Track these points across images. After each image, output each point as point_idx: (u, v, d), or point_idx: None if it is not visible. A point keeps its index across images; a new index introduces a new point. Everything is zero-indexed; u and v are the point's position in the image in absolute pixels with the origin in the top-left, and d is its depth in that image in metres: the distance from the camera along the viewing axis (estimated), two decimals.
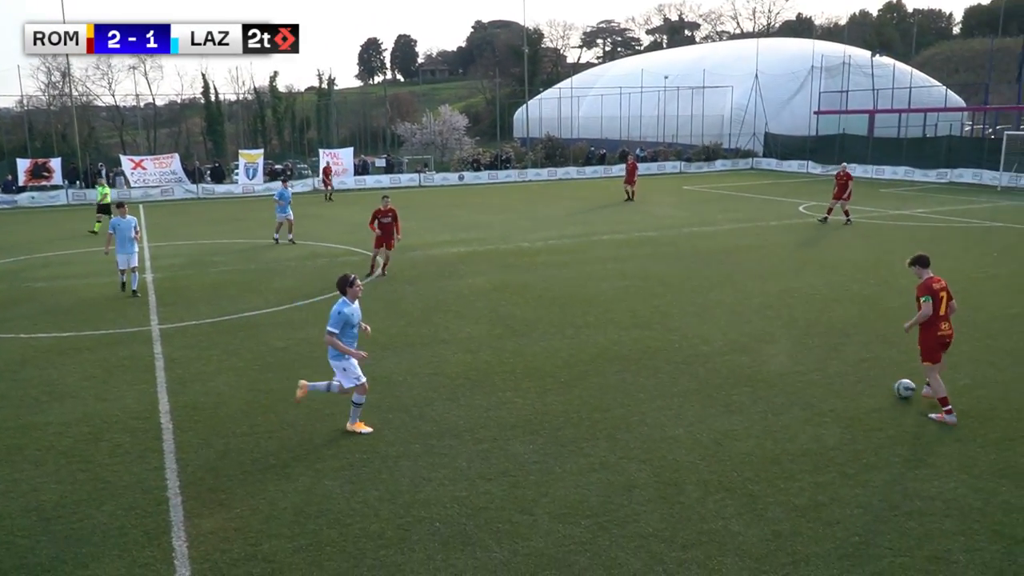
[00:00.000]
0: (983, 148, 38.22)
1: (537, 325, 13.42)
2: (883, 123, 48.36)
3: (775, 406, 9.54)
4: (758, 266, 18.31)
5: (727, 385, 10.29)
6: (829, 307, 14.28)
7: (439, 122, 60.07)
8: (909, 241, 21.51)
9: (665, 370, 10.92)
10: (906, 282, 16.07)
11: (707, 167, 49.60)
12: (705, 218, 26.82)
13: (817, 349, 11.77)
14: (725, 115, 54.08)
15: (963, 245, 20.69)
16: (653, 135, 55.60)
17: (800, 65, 54.17)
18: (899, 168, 40.79)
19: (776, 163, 49.02)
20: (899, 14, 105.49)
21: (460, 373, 10.97)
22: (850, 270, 17.58)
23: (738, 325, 13.18)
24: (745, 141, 52.73)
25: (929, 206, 29.24)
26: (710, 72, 54.67)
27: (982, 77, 57.83)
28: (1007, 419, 9.02)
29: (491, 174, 46.19)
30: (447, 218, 28.73)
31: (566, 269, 18.39)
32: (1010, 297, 14.77)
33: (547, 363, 11.32)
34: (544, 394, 10.09)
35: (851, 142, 44.88)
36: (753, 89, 53.33)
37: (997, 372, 10.63)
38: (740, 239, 22.29)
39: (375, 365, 11.35)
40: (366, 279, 17.29)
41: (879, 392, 9.93)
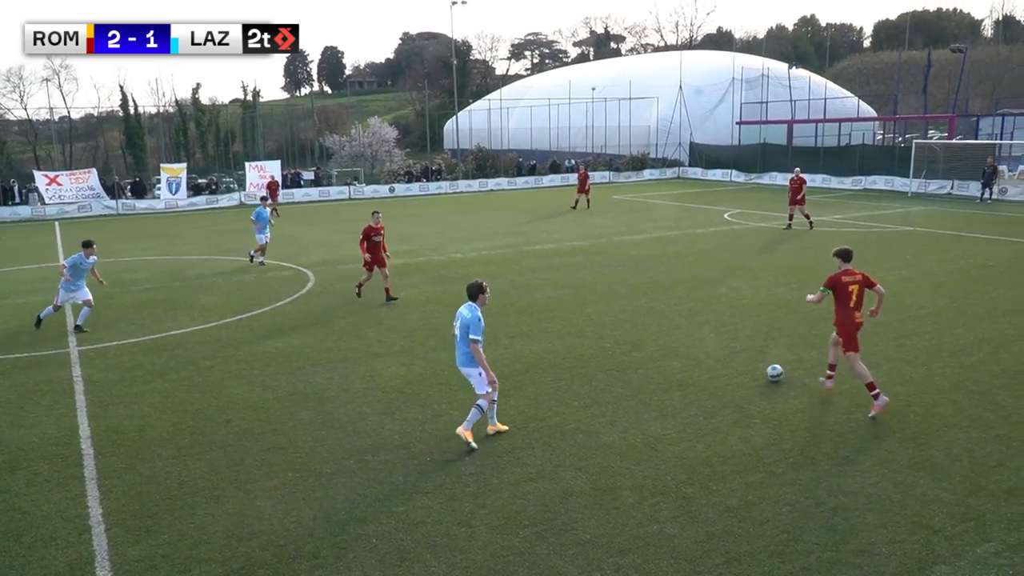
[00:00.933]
0: (894, 156, 39.97)
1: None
2: (801, 133, 50.14)
3: (706, 409, 9.74)
4: (686, 273, 18.71)
5: (659, 390, 10.47)
6: (755, 311, 14.68)
7: (368, 134, 59.53)
8: (829, 246, 22.13)
9: (599, 377, 11.04)
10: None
11: (635, 176, 50.50)
12: (634, 227, 27.28)
13: (744, 353, 12.08)
14: (651, 125, 55.21)
15: (878, 249, 21.57)
16: (582, 145, 56.34)
17: (722, 77, 55.76)
18: (817, 176, 42.25)
19: (702, 172, 50.22)
20: (813, 28, 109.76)
21: (394, 387, 10.86)
22: (773, 275, 18.11)
23: (668, 331, 13.43)
24: (671, 151, 53.92)
25: (846, 212, 30.39)
26: (636, 84, 55.76)
27: (891, 88, 60.54)
28: (922, 414, 9.42)
29: (422, 186, 46.03)
30: None
31: (499, 279, 18.43)
32: (923, 298, 15.46)
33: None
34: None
35: (772, 151, 46.35)
36: (678, 100, 54.62)
37: (912, 369, 11.10)
38: (668, 247, 22.74)
39: (306, 381, 11.16)
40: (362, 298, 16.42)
41: (804, 393, 10.25)
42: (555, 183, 48.43)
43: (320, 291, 17.68)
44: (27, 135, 65.49)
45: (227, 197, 42.09)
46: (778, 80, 53.61)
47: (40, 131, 64.58)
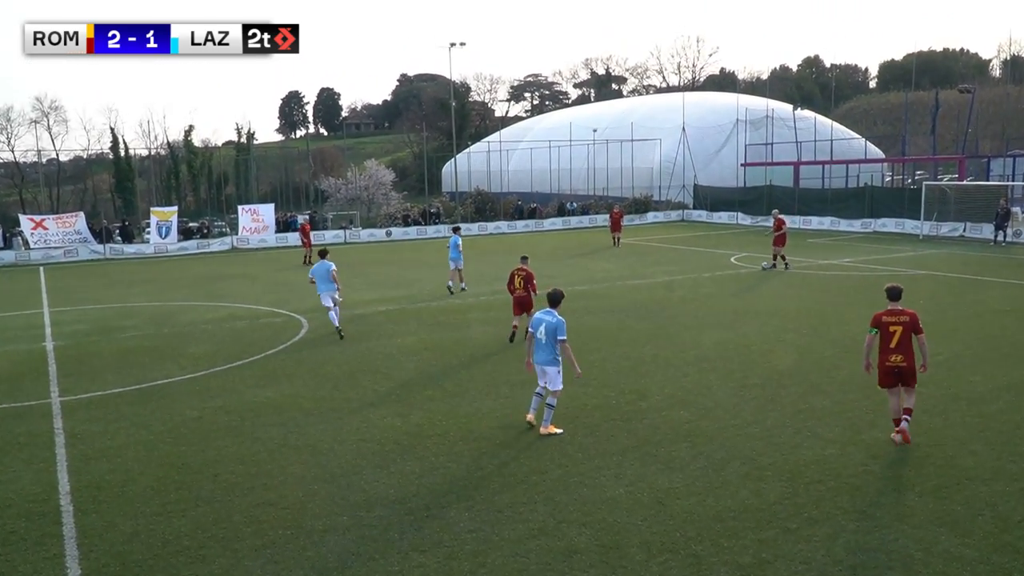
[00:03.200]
0: (904, 198, 40.22)
1: (470, 385, 13.33)
2: (808, 174, 50.59)
3: (715, 461, 9.63)
4: (692, 318, 18.69)
5: (666, 441, 10.37)
6: (764, 357, 14.62)
7: (365, 176, 60.11)
8: (838, 290, 22.33)
9: (603, 428, 10.94)
10: (838, 331, 16.67)
11: (639, 219, 50.78)
12: (638, 271, 27.34)
13: (754, 401, 12.00)
14: (655, 167, 55.75)
15: None
16: (584, 188, 56.80)
17: (726, 118, 56.50)
18: (825, 218, 42.54)
19: (707, 214, 50.51)
20: (818, 69, 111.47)
21: (390, 438, 10.76)
22: (783, 320, 18.09)
23: (675, 379, 13.35)
24: (675, 193, 54.32)
25: (855, 255, 30.50)
26: (638, 125, 56.48)
27: (899, 129, 61.22)
28: (941, 466, 9.31)
29: (419, 229, 46.28)
30: (374, 275, 28.54)
31: (499, 326, 18.38)
32: (938, 344, 15.35)
33: (481, 425, 11.22)
34: (479, 457, 9.97)
35: (778, 193, 46.66)
36: (681, 142, 55.26)
37: (929, 419, 11.00)
38: (674, 291, 22.75)
39: (298, 433, 11.06)
40: None
41: (817, 443, 10.14)
42: (557, 226, 48.69)
43: (314, 338, 17.63)
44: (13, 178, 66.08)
45: (219, 241, 42.29)
46: (783, 121, 54.30)
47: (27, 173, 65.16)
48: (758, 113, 55.39)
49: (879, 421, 10.93)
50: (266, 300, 23.17)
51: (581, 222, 49.54)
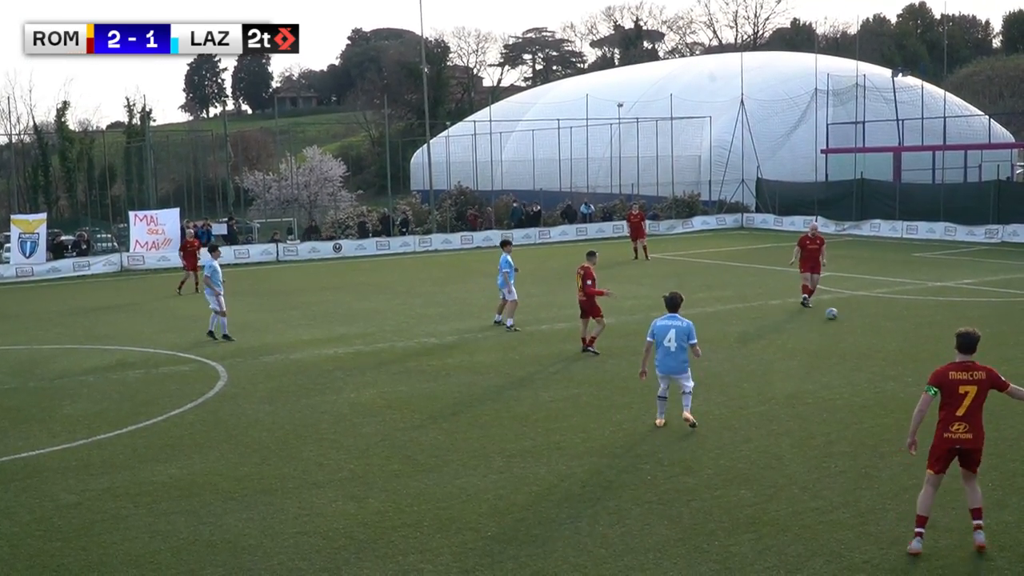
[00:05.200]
0: None
1: (451, 455, 13.38)
2: (912, 164, 50.98)
3: (789, 559, 9.69)
4: (757, 362, 18.76)
5: (721, 532, 10.42)
6: (855, 416, 14.70)
7: (304, 170, 60.38)
8: (955, 322, 22.33)
9: (634, 513, 10.99)
10: None
11: (681, 227, 51.09)
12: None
13: (842, 476, 12.06)
14: (702, 156, 56.10)
15: (1020, 329, 21.73)
16: (605, 184, 57.09)
17: (800, 87, 56.91)
18: (936, 224, 42.87)
19: (774, 220, 50.85)
20: (924, 22, 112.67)
21: (341, 530, 10.80)
22: (880, 364, 18.20)
23: (733, 445, 13.41)
24: (731, 191, 54.66)
25: (978, 274, 30.70)
26: (680, 98, 56.86)
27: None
28: None
29: (380, 242, 46.48)
30: (318, 306, 28.63)
31: (490, 374, 18.45)
32: None
33: (467, 510, 11.27)
34: (464, 555, 10.01)
35: (872, 191, 47.03)
36: (739, 120, 55.65)
37: None
38: (730, 326, 22.86)
39: (214, 524, 11.10)
40: None
41: (929, 532, 10.17)
42: (568, 236, 48.92)
43: (235, 392, 17.68)
44: None
45: (103, 260, 42.35)
46: (879, 92, 54.73)
47: None
48: (844, 81, 55.81)
49: (1009, 499, 11.00)
50: (168, 341, 23.22)
51: (602, 231, 49.80)
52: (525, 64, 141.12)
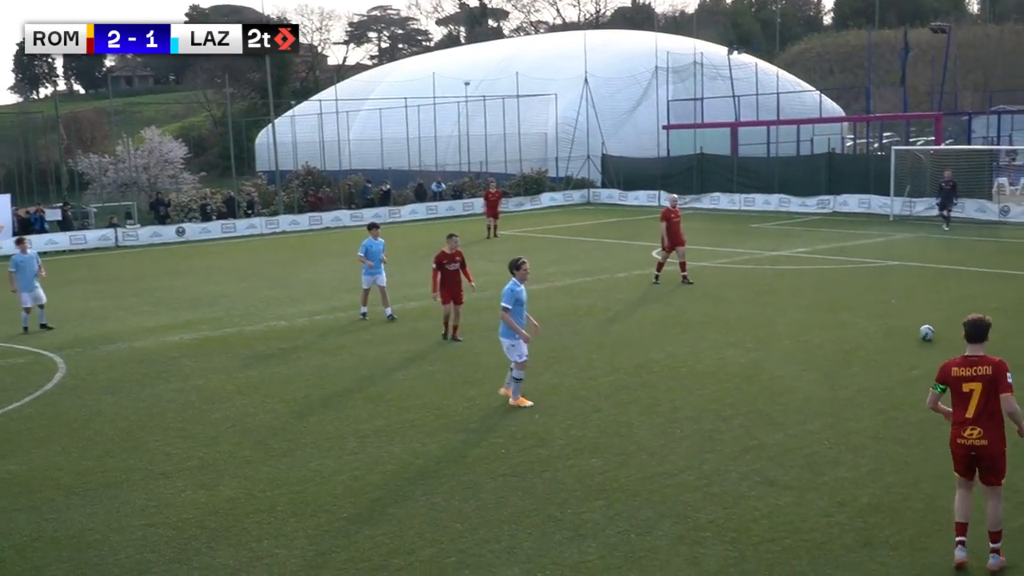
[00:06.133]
0: (869, 168, 42.56)
1: (304, 438, 13.26)
2: (749, 139, 52.63)
3: (639, 522, 9.96)
4: (605, 334, 19.16)
5: (574, 500, 10.63)
6: (699, 383, 15.19)
7: (143, 152, 58.39)
8: (791, 290, 23.41)
9: (489, 487, 11.10)
10: (791, 344, 17.52)
11: (530, 204, 51.54)
12: (531, 273, 27.67)
13: (687, 440, 12.46)
14: (549, 133, 56.66)
15: (855, 291, 22.78)
16: (454, 162, 57.11)
17: (641, 65, 57.99)
18: (772, 196, 44.46)
19: (619, 195, 51.80)
20: (758, 1, 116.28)
21: (192, 519, 10.59)
22: (722, 332, 18.82)
23: (584, 415, 13.68)
24: (577, 167, 55.42)
25: (811, 243, 32.02)
26: (526, 76, 57.15)
27: (861, 79, 64.77)
28: (920, 511, 9.97)
29: (226, 225, 45.38)
30: (162, 292, 27.81)
31: (342, 355, 18.33)
32: (914, 355, 16.41)
33: (322, 492, 11.20)
34: (319, 538, 9.95)
35: (712, 165, 48.42)
36: (583, 97, 56.38)
37: (905, 450, 11.76)
38: (579, 299, 23.25)
39: (56, 520, 10.73)
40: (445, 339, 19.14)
41: (769, 491, 10.65)
42: (419, 215, 48.81)
43: (75, 384, 17.06)
44: None
45: None
46: (716, 70, 56.26)
47: None
48: (683, 59, 57.15)
49: (844, 457, 11.58)
50: (1, 332, 22.22)
51: (452, 209, 49.83)
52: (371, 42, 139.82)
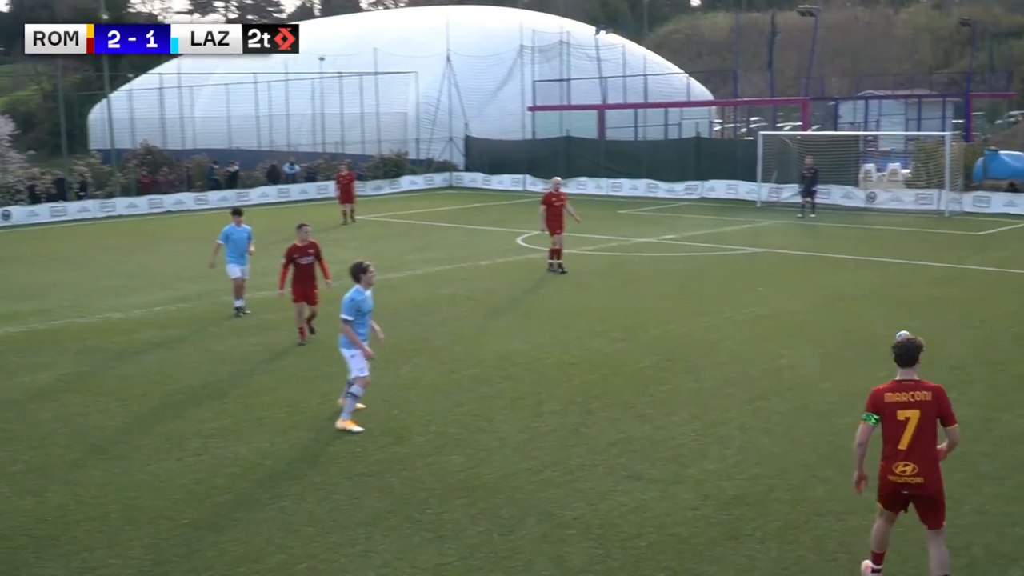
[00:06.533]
0: (736, 153, 43.71)
1: (142, 440, 12.88)
2: (616, 122, 53.49)
3: (502, 521, 9.98)
4: (467, 324, 19.15)
5: (434, 499, 10.59)
6: (565, 374, 15.31)
7: None
8: (658, 278, 23.85)
9: (343, 487, 10.97)
10: (657, 333, 17.85)
11: (389, 187, 51.17)
12: (389, 261, 27.55)
13: (552, 435, 12.54)
14: (409, 113, 56.30)
15: (722, 279, 23.38)
16: (308, 142, 56.26)
17: (506, 45, 58.06)
18: (639, 182, 45.21)
19: (483, 179, 51.91)
20: None
21: (18, 528, 10.18)
22: (588, 321, 19.03)
23: (445, 410, 13.64)
24: (440, 149, 55.29)
25: (679, 230, 32.72)
26: (385, 52, 56.59)
27: (730, 62, 66.47)
28: (787, 501, 10.28)
29: (56, 208, 43.67)
30: None
31: (184, 349, 17.85)
32: (781, 343, 16.91)
33: (160, 498, 10.88)
34: (157, 547, 9.67)
35: (579, 148, 48.92)
36: (446, 77, 56.23)
37: (771, 441, 12.10)
38: (440, 288, 23.20)
39: None
40: None
41: (635, 485, 10.81)
42: (270, 198, 47.88)
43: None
44: None
45: None
46: (583, 50, 56.84)
47: None
48: (549, 39, 57.55)
49: (710, 449, 11.84)
50: None
51: (306, 192, 49.09)
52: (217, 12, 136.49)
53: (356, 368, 12.74)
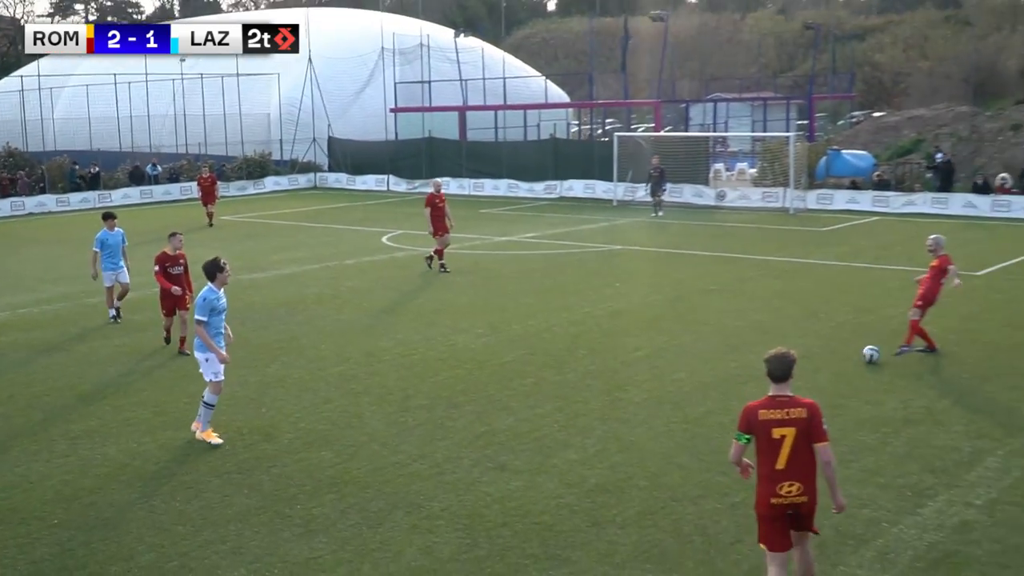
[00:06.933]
0: (593, 154, 44.35)
1: (10, 442, 12.51)
2: (477, 123, 53.68)
3: (371, 515, 9.98)
4: (334, 322, 19.00)
5: (303, 495, 10.52)
6: (431, 370, 15.35)
7: None
8: (520, 274, 24.08)
9: (213, 485, 10.80)
10: (520, 328, 18.04)
11: (253, 188, 50.31)
12: (254, 260, 27.15)
13: (419, 429, 12.58)
14: (272, 114, 55.48)
15: (581, 276, 23.73)
16: (170, 143, 54.88)
17: (368, 46, 57.75)
18: (500, 182, 45.46)
19: (347, 179, 51.47)
20: None
21: None
22: (453, 318, 19.10)
23: (313, 407, 13.54)
24: (303, 150, 54.57)
25: (539, 228, 33.06)
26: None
27: (585, 65, 67.35)
28: (645, 487, 10.54)
29: None
30: None
31: (51, 352, 17.26)
32: (638, 336, 17.29)
33: (30, 499, 10.56)
34: (30, 547, 9.41)
35: (441, 148, 48.93)
36: (308, 78, 55.51)
37: (629, 430, 12.37)
38: (307, 287, 22.95)
39: None
40: None
41: (500, 476, 10.93)
42: (132, 200, 46.51)
43: None
44: None
45: None
46: (443, 52, 56.88)
47: None
48: (410, 41, 57.39)
49: (572, 439, 12.06)
50: None
51: (169, 192, 47.89)
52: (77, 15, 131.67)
53: (210, 372, 11.93)
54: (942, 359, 15.20)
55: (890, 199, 35.75)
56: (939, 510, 9.83)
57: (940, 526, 9.48)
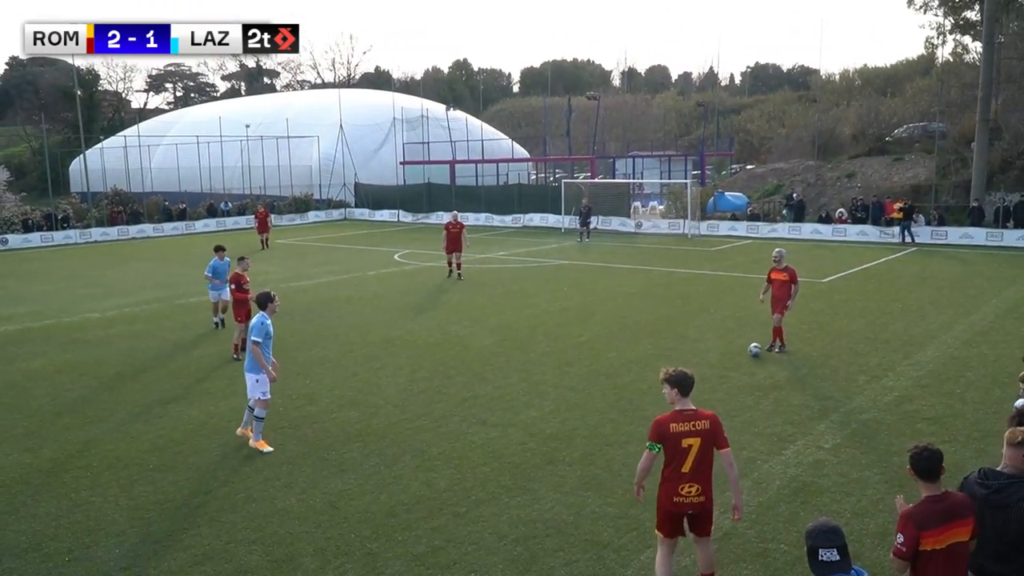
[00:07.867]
0: (547, 194, 44.34)
1: (115, 408, 12.20)
2: (463, 173, 53.56)
3: (387, 458, 9.87)
4: (359, 317, 18.87)
5: (337, 444, 10.39)
6: (431, 351, 15.25)
7: None
8: (494, 282, 24.01)
9: (270, 437, 10.63)
10: (496, 321, 17.94)
11: (299, 219, 49.91)
12: (300, 272, 26.90)
13: (423, 395, 12.48)
14: (313, 165, 55.10)
15: (539, 282, 23.69)
16: (238, 187, 54.37)
17: (383, 116, 57.59)
18: (480, 214, 45.35)
19: (368, 213, 51.16)
20: (467, 72, 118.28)
21: (18, 478, 9.48)
22: (446, 313, 19.00)
23: (344, 380, 13.41)
24: (336, 192, 54.23)
25: (508, 248, 32.98)
26: (294, 121, 55.28)
27: (540, 131, 67.35)
28: (586, 436, 10.49)
29: (45, 236, 40.87)
30: None
31: (147, 340, 17.01)
32: (580, 327, 17.26)
33: (131, 450, 10.32)
34: (129, 487, 9.18)
35: (437, 191, 48.80)
36: (339, 140, 55.22)
37: (575, 395, 12.33)
38: (339, 291, 22.76)
39: None
40: None
41: (481, 428, 10.85)
42: (210, 228, 46.05)
43: None
44: None
45: None
46: (437, 121, 56.80)
47: None
48: (414, 112, 57.28)
49: (534, 401, 12.00)
50: None
51: (237, 223, 47.35)
52: (167, 91, 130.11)
53: (260, 392, 10.28)
54: (798, 343, 15.27)
55: (759, 227, 35.99)
56: (798, 452, 9.85)
57: (799, 463, 9.49)
